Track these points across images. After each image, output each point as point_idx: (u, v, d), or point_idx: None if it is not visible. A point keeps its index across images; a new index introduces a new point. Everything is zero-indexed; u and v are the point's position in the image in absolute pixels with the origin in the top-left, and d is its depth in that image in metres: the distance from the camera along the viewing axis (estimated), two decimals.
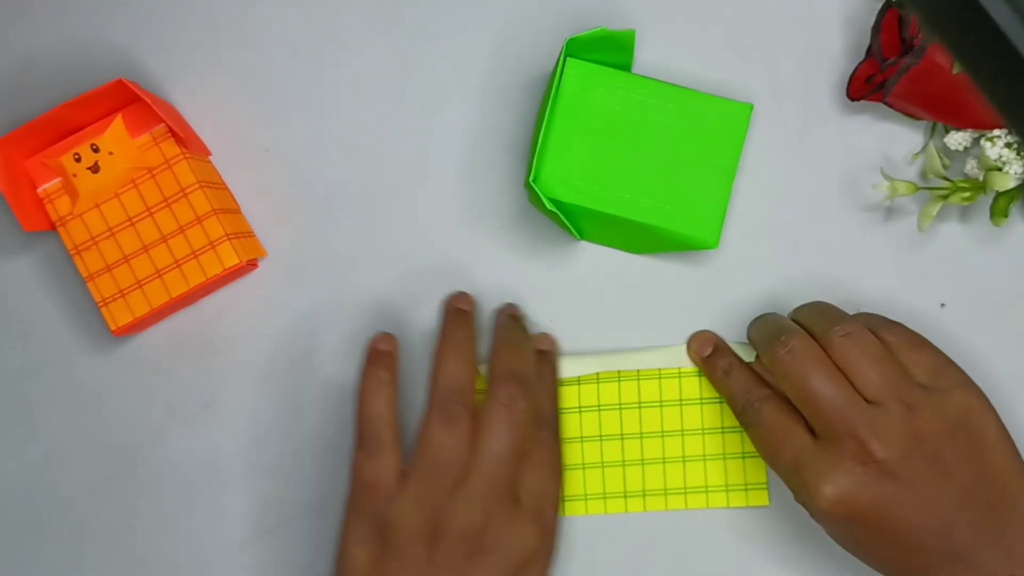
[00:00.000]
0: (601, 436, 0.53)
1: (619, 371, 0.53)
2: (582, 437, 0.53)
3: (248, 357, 0.54)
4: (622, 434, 0.53)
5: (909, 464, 0.45)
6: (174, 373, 0.55)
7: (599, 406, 0.53)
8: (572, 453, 0.53)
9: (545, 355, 0.53)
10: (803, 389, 0.46)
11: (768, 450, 0.48)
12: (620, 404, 0.53)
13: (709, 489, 0.53)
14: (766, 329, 0.50)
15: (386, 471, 0.47)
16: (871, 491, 0.45)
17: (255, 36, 0.55)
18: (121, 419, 0.55)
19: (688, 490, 0.53)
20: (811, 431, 0.47)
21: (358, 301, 0.54)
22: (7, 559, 0.55)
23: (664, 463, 0.53)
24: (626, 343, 0.54)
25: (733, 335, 0.53)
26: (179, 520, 0.54)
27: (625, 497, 0.53)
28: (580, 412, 0.53)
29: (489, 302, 0.54)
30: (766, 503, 0.53)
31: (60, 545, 0.55)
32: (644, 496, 0.53)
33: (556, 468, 0.49)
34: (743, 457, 0.53)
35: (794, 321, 0.50)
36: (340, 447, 0.54)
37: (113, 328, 0.51)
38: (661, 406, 0.53)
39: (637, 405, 0.53)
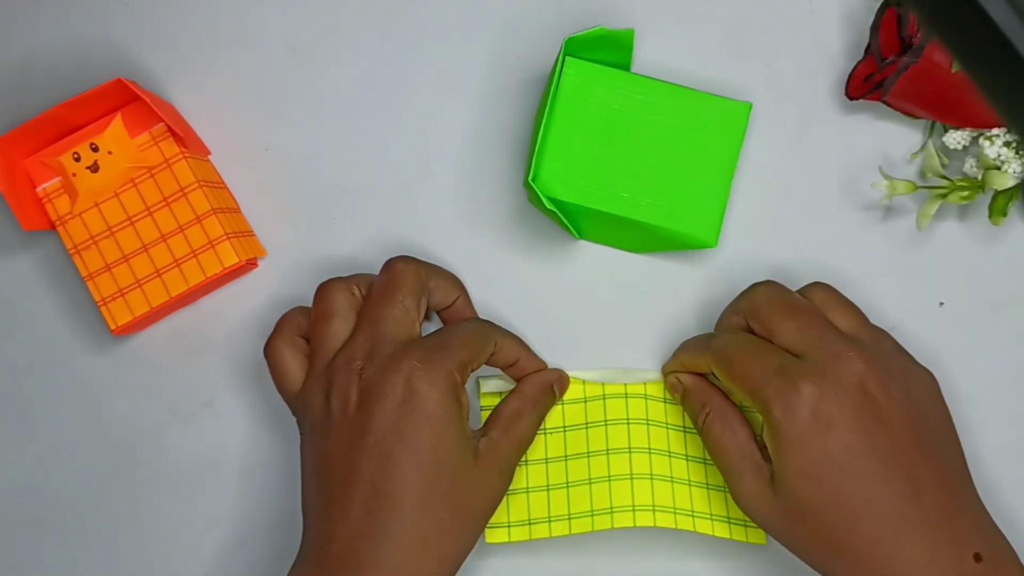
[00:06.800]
0: (608, 450, 0.51)
1: (625, 384, 0.52)
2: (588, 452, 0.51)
3: (248, 356, 0.54)
4: (630, 448, 0.51)
5: (885, 391, 0.45)
6: (174, 372, 0.55)
7: (605, 422, 0.52)
8: (577, 469, 0.51)
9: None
10: (774, 323, 0.47)
11: (745, 360, 0.46)
12: (628, 419, 0.52)
13: (714, 517, 0.51)
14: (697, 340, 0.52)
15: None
16: (852, 396, 0.44)
17: (255, 36, 0.55)
18: (121, 418, 0.55)
19: (696, 514, 0.51)
20: None
21: None
22: (7, 559, 0.55)
23: (672, 482, 0.51)
24: (625, 342, 0.54)
25: None
26: (179, 519, 0.54)
27: (633, 511, 0.50)
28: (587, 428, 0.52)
29: (488, 301, 0.54)
30: (764, 542, 0.51)
31: (60, 545, 0.55)
32: (654, 511, 0.50)
33: (461, 333, 0.48)
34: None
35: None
36: None
37: (113, 327, 0.51)
38: (667, 428, 0.52)
39: (645, 422, 0.51)
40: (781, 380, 0.45)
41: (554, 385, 0.51)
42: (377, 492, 0.44)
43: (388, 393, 0.45)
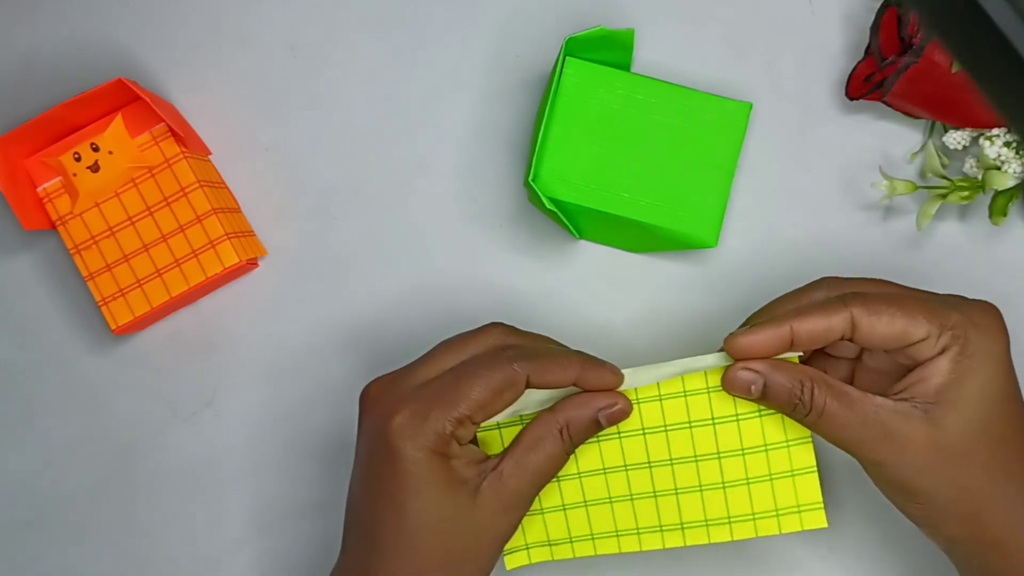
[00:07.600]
0: (626, 466, 0.46)
1: (636, 389, 0.46)
2: (604, 469, 0.47)
3: (248, 356, 0.54)
4: (649, 462, 0.46)
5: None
6: (174, 372, 0.55)
7: (619, 433, 0.46)
8: (597, 487, 0.47)
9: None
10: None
11: (909, 303, 0.43)
12: (643, 430, 0.46)
13: (756, 516, 0.46)
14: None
15: None
16: (1004, 329, 0.44)
17: (255, 36, 0.55)
18: (121, 418, 0.55)
19: (732, 519, 0.46)
20: None
21: (358, 300, 0.54)
22: (7, 559, 0.55)
23: (701, 491, 0.46)
24: (625, 342, 0.54)
25: None
26: (179, 520, 0.54)
27: (661, 531, 0.47)
28: (599, 442, 0.47)
29: (488, 301, 0.54)
30: (824, 524, 0.46)
31: (60, 545, 0.55)
32: (683, 529, 0.46)
33: (469, 383, 0.43)
34: (792, 475, 0.45)
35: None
36: (340, 446, 0.54)
37: (113, 327, 0.51)
38: (690, 427, 0.46)
39: (663, 428, 0.46)
40: (960, 315, 0.43)
41: (599, 415, 0.45)
42: (369, 540, 0.45)
43: (374, 451, 0.44)
